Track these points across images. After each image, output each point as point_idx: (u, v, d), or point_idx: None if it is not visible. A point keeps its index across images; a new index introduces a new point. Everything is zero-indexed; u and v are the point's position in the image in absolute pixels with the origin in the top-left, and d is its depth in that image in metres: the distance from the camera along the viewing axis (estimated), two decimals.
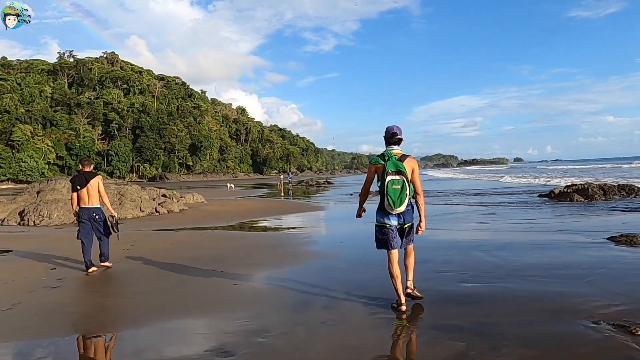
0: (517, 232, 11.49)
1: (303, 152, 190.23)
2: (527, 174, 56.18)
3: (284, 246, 10.44)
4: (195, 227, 15.11)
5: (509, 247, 9.37)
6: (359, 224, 15.21)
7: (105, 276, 8.06)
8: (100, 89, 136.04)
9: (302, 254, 9.35)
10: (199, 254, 9.67)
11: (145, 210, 19.20)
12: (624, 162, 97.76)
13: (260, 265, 8.38)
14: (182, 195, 26.03)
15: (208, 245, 10.81)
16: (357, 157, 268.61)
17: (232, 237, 12.42)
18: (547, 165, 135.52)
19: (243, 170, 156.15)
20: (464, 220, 14.45)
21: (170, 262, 8.89)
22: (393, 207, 5.24)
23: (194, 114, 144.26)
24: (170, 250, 10.24)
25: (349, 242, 10.84)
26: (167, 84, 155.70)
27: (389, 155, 5.32)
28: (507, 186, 34.78)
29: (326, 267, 8.05)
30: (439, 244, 9.99)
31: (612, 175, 41.76)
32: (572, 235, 10.60)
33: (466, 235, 11.38)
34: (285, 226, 15.37)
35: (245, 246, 10.65)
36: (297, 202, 27.46)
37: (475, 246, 9.48)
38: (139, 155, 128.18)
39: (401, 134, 5.53)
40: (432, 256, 8.51)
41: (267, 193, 40.77)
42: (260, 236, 12.88)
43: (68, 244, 11.25)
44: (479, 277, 6.92)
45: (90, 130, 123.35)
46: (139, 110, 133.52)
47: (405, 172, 5.22)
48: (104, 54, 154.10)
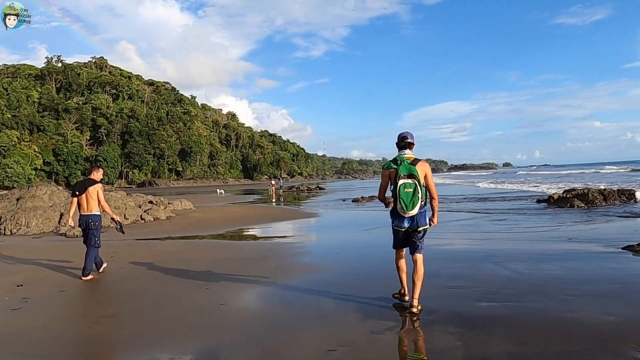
0: (525, 241, 10.77)
1: (294, 157, 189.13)
2: (516, 180, 55.55)
3: (275, 258, 9.61)
4: (181, 236, 14.28)
5: (520, 257, 8.63)
6: (355, 232, 14.85)
7: (74, 295, 7.21)
8: (89, 94, 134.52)
9: (295, 268, 8.54)
10: (183, 267, 8.87)
11: (130, 218, 18.32)
12: (601, 167, 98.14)
13: (250, 281, 7.57)
14: (170, 202, 25.16)
15: (193, 257, 10.00)
16: (347, 163, 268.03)
17: (219, 247, 11.58)
18: (529, 170, 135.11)
19: (233, 175, 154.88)
20: (467, 228, 13.75)
21: (151, 277, 8.10)
22: (405, 210, 5.34)
23: (183, 119, 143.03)
24: (152, 263, 9.41)
25: (347, 253, 10.00)
26: (156, 89, 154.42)
27: (401, 160, 5.45)
28: (503, 192, 34.16)
29: (323, 284, 7.23)
30: (445, 254, 9.24)
31: (593, 180, 41.35)
32: (584, 245, 9.90)
33: (473, 244, 10.66)
34: (276, 235, 14.59)
35: (233, 258, 9.83)
36: (288, 209, 26.63)
37: (484, 257, 8.73)
38: (128, 161, 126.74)
39: (412, 139, 5.66)
40: (440, 269, 7.74)
41: (257, 199, 39.90)
42: (251, 246, 12.02)
43: (43, 256, 10.43)
44: (496, 294, 6.17)
45: (78, 136, 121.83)
46: (128, 115, 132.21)
47: (417, 175, 5.31)
48: (93, 59, 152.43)
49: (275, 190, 47.52)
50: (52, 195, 21.79)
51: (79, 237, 14.90)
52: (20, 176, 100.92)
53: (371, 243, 11.59)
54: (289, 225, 17.41)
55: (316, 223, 17.73)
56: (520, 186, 38.22)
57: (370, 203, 27.60)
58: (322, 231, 15.10)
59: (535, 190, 31.67)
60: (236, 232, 15.30)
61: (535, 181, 47.54)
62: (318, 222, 18.17)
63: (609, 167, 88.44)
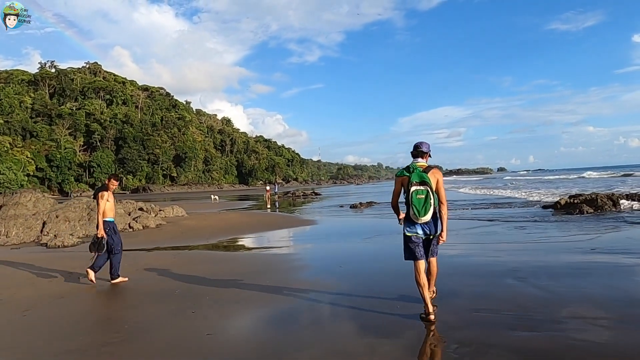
0: (546, 252, 9.81)
1: (289, 162, 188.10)
2: (502, 185, 54.65)
3: (271, 273, 8.64)
4: (170, 246, 13.31)
5: (547, 272, 7.68)
6: (357, 241, 13.68)
7: (39, 319, 6.21)
8: (82, 99, 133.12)
9: (294, 285, 7.56)
10: (169, 284, 7.92)
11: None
12: (591, 172, 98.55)
13: (243, 302, 6.61)
14: (161, 209, 24.17)
15: (181, 272, 9.02)
16: (342, 168, 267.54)
17: (210, 260, 10.56)
18: (514, 176, 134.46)
19: (228, 181, 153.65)
20: (479, 237, 12.75)
21: (130, 298, 7.17)
22: (418, 217, 5.40)
23: (178, 124, 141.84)
24: (133, 280, 8.46)
25: (351, 267, 9.01)
26: (151, 94, 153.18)
27: (414, 167, 5.55)
28: (504, 197, 33.28)
29: (326, 305, 6.30)
30: (463, 268, 8.27)
31: (578, 186, 40.61)
32: (611, 256, 9.00)
33: (490, 255, 9.65)
34: (272, 245, 13.67)
35: (225, 273, 8.85)
36: (284, 216, 25.65)
37: (506, 271, 7.77)
38: (122, 166, 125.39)
39: (426, 148, 5.76)
40: (459, 286, 6.83)
41: (252, 205, 38.90)
42: (244, 259, 10.93)
43: (15, 271, 9.45)
44: (530, 320, 5.25)
45: (71, 142, 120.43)
46: (122, 121, 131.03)
47: (429, 182, 5.40)
48: (87, 64, 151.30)
49: (270, 196, 46.59)
50: (36, 203, 20.77)
51: (60, 248, 13.97)
52: (13, 182, 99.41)
53: (375, 254, 10.63)
54: (285, 233, 16.45)
55: (314, 231, 16.72)
56: (511, 193, 36.98)
57: (369, 209, 26.69)
58: (320, 241, 14.03)
59: (523, 197, 30.66)
60: (229, 241, 14.33)
61: (524, 187, 45.66)
62: (316, 230, 17.15)
63: (588, 173, 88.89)
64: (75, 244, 14.39)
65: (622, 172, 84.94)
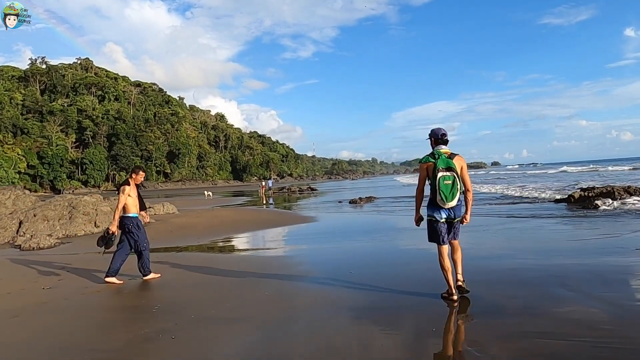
0: (583, 253, 8.53)
1: (283, 158, 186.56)
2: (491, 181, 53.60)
3: (270, 281, 7.32)
4: (155, 247, 12.03)
5: (597, 278, 6.43)
6: (364, 241, 12.09)
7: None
8: (74, 95, 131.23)
9: (299, 298, 6.29)
10: (148, 297, 6.70)
11: (102, 225, 16.01)
12: (578, 166, 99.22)
13: (233, 323, 5.35)
14: (151, 206, 22.88)
15: (163, 281, 7.77)
16: (337, 163, 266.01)
17: (198, 264, 9.14)
18: (498, 170, 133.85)
19: (223, 177, 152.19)
20: (504, 236, 11.33)
21: (100, 314, 5.89)
22: (445, 202, 5.47)
23: (171, 120, 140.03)
24: (108, 290, 7.22)
25: (362, 273, 7.65)
26: (143, 90, 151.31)
27: (439, 154, 5.58)
28: (508, 194, 32.09)
29: (344, 325, 5.07)
30: (497, 274, 6.97)
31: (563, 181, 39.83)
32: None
33: (523, 258, 8.23)
34: (269, 246, 12.43)
35: (213, 282, 7.57)
36: (281, 212, 24.40)
37: (550, 278, 6.48)
38: (115, 163, 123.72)
39: (448, 136, 5.79)
40: (502, 299, 5.59)
41: (247, 201, 37.60)
42: (238, 263, 9.46)
43: None
44: (613, 351, 4.02)
45: (63, 138, 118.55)
46: (115, 117, 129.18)
47: (455, 168, 5.48)
48: (78, 60, 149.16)
49: (265, 191, 45.33)
50: (16, 200, 19.51)
51: (35, 250, 12.67)
52: (4, 180, 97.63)
53: (389, 257, 9.26)
54: (284, 232, 15.17)
55: (315, 229, 15.35)
56: (514, 189, 35.63)
57: (369, 205, 25.45)
58: (323, 240, 12.58)
59: (524, 194, 29.52)
60: (221, 242, 13.07)
61: (515, 182, 44.34)
62: (317, 228, 15.81)
63: (566, 167, 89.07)
64: (52, 245, 13.10)
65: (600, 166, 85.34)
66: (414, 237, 10.68)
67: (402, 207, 22.00)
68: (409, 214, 17.68)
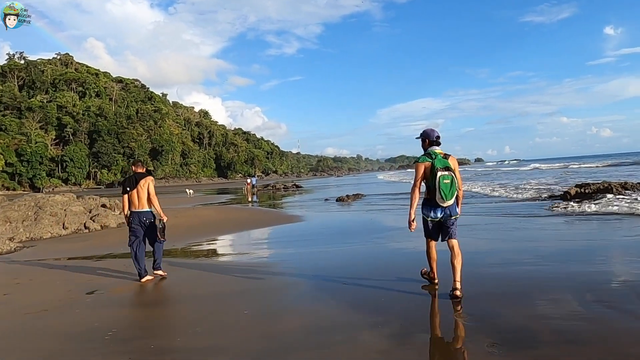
0: (605, 257, 7.61)
1: (268, 155, 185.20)
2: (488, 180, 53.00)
3: (249, 296, 6.24)
4: (126, 252, 10.91)
5: (631, 289, 5.47)
6: (356, 243, 10.80)
7: None
8: (54, 91, 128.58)
9: (279, 321, 5.19)
10: (103, 317, 5.57)
11: (70, 227, 14.83)
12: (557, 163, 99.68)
13: (201, 356, 4.29)
14: None
15: (125, 295, 6.71)
16: (322, 160, 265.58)
17: (170, 274, 8.05)
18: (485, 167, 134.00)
19: (207, 174, 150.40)
20: (507, 237, 10.41)
21: (38, 343, 4.80)
22: (445, 200, 5.57)
23: (154, 117, 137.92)
24: (58, 308, 6.11)
25: (358, 284, 6.61)
26: (125, 86, 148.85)
27: (435, 154, 5.73)
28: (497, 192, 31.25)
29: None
30: (518, 285, 5.92)
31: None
32: None
33: (539, 264, 7.17)
34: (252, 250, 11.26)
35: (183, 298, 6.50)
36: (266, 211, 23.26)
37: (578, 289, 5.48)
38: (96, 160, 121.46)
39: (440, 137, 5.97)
40: (530, 322, 4.57)
41: (231, 199, 36.40)
42: (214, 272, 8.19)
43: None
44: None
45: (42, 135, 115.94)
46: (96, 113, 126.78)
47: (452, 168, 5.65)
48: (58, 56, 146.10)
49: (250, 189, 44.15)
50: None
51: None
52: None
53: (388, 263, 8.10)
54: (268, 233, 14.09)
55: (301, 230, 14.23)
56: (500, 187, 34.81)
57: (357, 202, 24.42)
58: (311, 243, 11.42)
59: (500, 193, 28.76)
60: (199, 245, 11.98)
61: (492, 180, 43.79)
62: (303, 228, 14.68)
63: (533, 165, 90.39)
64: (12, 250, 11.90)
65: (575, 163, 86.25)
66: (409, 238, 9.66)
67: (392, 205, 21.04)
68: (399, 212, 16.73)
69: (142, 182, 7.67)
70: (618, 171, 40.99)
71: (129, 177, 7.91)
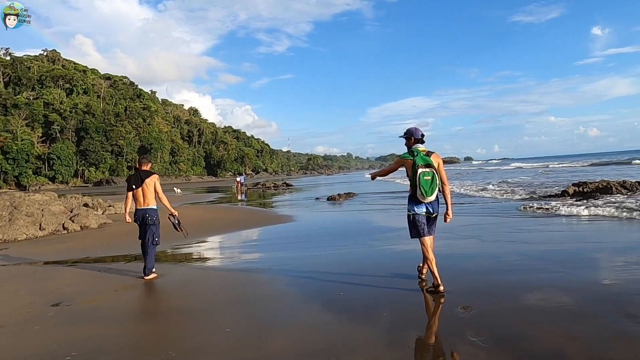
0: (630, 263, 7.00)
1: (258, 153, 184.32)
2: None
3: (232, 311, 5.54)
4: (101, 256, 10.17)
5: None
6: (355, 246, 9.92)
7: None
8: (40, 88, 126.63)
9: (265, 342, 4.48)
10: (62, 338, 4.85)
11: (48, 228, 14.02)
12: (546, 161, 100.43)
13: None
14: (111, 204, 20.92)
15: (89, 311, 5.93)
16: (312, 158, 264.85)
17: (144, 283, 7.34)
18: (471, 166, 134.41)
19: (196, 172, 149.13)
20: (513, 238, 9.81)
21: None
22: (425, 196, 5.71)
23: (143, 115, 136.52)
24: (15, 325, 5.37)
25: (360, 294, 5.94)
26: (113, 83, 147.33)
27: (417, 152, 5.85)
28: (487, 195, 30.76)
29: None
30: (536, 296, 5.24)
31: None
32: None
33: (557, 270, 6.57)
34: (237, 254, 10.48)
35: (158, 311, 5.81)
36: (255, 210, 22.48)
37: (607, 304, 4.86)
38: (84, 158, 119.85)
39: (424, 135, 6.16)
40: (557, 340, 3.92)
41: (220, 198, 35.59)
42: (194, 280, 7.54)
43: None
44: None
45: (28, 133, 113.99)
46: (83, 111, 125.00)
47: (433, 165, 5.76)
48: (44, 52, 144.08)
49: (240, 187, 43.36)
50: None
51: None
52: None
53: (387, 267, 7.43)
54: (257, 235, 13.35)
55: (292, 232, 13.48)
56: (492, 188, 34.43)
57: (349, 201, 23.75)
58: (302, 246, 10.64)
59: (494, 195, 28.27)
60: (184, 248, 11.23)
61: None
62: (294, 229, 13.95)
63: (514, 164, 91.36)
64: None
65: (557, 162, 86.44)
66: (408, 240, 9.00)
67: (385, 205, 20.38)
68: (393, 212, 16.15)
69: (148, 180, 7.81)
70: (599, 171, 40.59)
71: (135, 175, 8.00)
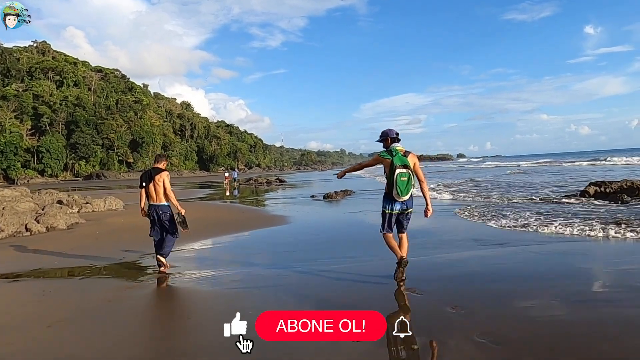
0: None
1: (251, 148, 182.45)
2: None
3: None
4: (60, 267, 8.55)
5: None
6: (370, 262, 7.94)
7: None
8: (30, 80, 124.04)
9: None
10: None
11: (7, 229, 12.37)
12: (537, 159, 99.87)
13: None
14: (89, 202, 19.27)
15: (21, 346, 4.37)
16: (306, 154, 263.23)
17: (91, 307, 5.74)
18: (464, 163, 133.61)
19: (188, 167, 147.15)
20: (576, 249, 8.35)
21: None
22: (401, 196, 6.03)
23: (134, 108, 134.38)
24: None
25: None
26: (105, 76, 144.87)
27: (395, 152, 6.14)
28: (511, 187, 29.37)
29: None
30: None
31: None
32: None
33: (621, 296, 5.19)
34: (220, 269, 8.85)
35: (101, 352, 4.24)
36: (246, 210, 20.83)
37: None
38: (74, 152, 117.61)
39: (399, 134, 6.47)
40: None
41: (210, 194, 33.96)
42: (168, 310, 6.02)
43: None
44: None
45: (17, 125, 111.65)
46: (74, 103, 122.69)
47: (409, 165, 6.08)
48: (34, 44, 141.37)
49: (229, 183, 41.75)
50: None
51: None
52: None
53: (428, 293, 6.00)
54: (247, 240, 11.68)
55: (286, 237, 11.78)
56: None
57: (347, 200, 22.25)
58: (300, 258, 8.93)
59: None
60: (153, 257, 9.62)
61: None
62: (289, 234, 12.26)
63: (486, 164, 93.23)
64: None
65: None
66: (430, 250, 7.45)
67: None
68: None
69: (157, 177, 7.90)
70: (591, 170, 39.54)
71: (145, 172, 8.19)
